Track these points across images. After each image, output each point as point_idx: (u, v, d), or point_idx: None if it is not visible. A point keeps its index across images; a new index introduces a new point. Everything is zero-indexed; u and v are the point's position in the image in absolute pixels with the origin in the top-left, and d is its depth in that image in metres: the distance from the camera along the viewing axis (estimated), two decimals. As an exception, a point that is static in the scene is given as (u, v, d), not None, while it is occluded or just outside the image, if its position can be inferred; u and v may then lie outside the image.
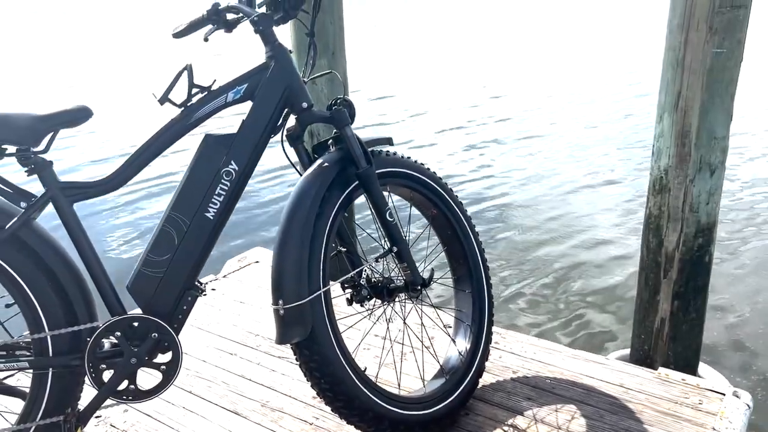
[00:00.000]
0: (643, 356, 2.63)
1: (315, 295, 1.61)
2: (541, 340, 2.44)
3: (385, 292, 1.88)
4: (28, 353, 1.59)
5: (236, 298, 2.83)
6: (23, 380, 2.03)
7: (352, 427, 1.74)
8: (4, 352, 1.58)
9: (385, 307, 1.89)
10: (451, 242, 2.10)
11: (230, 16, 1.79)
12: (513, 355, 2.32)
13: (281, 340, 1.62)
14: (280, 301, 1.60)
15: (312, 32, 1.90)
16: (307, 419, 1.99)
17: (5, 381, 1.73)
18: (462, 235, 2.08)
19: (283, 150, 1.80)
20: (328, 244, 1.68)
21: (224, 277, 3.09)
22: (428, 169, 2.02)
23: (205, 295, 1.73)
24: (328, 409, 1.73)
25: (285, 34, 1.93)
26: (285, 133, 1.78)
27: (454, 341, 2.09)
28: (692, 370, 2.58)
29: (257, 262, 3.25)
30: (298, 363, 1.68)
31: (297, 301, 1.59)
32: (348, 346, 1.71)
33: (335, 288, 1.76)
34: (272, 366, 2.30)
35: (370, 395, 1.69)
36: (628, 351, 2.80)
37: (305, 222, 1.64)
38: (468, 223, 2.11)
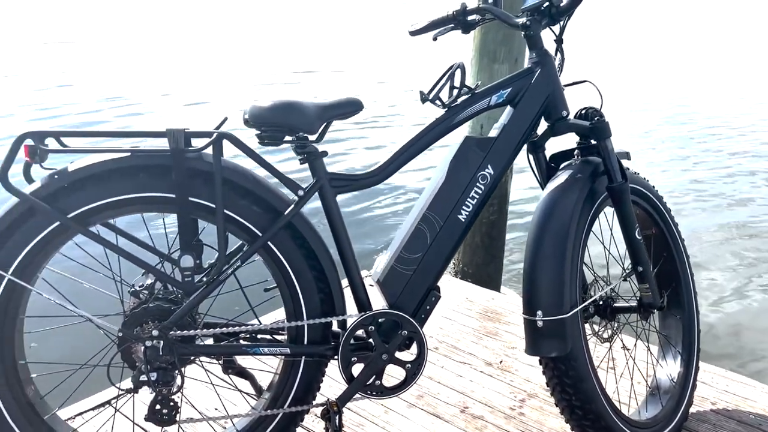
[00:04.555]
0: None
1: (575, 310, 1.57)
2: (729, 372, 2.35)
3: (608, 311, 1.83)
4: (284, 339, 1.61)
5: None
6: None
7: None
8: (268, 336, 1.60)
9: (608, 326, 1.84)
10: (665, 264, 2.03)
11: (471, 18, 1.78)
12: (706, 385, 2.23)
13: (535, 351, 1.59)
14: (539, 313, 1.57)
15: (560, 38, 1.86)
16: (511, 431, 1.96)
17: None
18: (677, 258, 2.01)
19: (528, 157, 1.78)
20: (582, 258, 1.64)
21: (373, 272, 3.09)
22: (654, 186, 1.97)
23: (440, 298, 1.71)
24: (531, 422, 1.72)
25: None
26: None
27: (661, 366, 2.02)
28: None
29: (383, 256, 3.23)
30: (546, 377, 1.64)
31: (558, 315, 1.56)
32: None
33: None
34: (460, 371, 2.28)
35: (614, 416, 1.64)
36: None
37: (563, 234, 1.61)
38: (683, 245, 2.04)
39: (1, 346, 1.42)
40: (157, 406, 1.47)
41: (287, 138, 1.54)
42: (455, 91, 1.65)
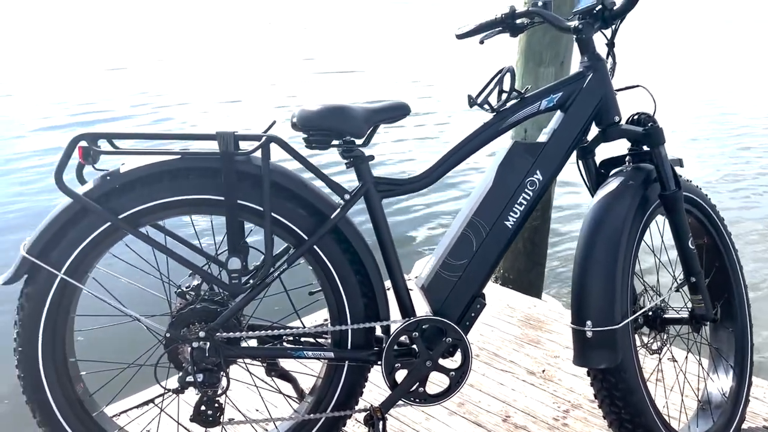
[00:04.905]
0: None
1: (626, 321, 1.53)
2: (783, 388, 2.26)
3: (658, 321, 1.78)
4: (327, 343, 1.60)
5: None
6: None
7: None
8: (312, 340, 1.59)
9: (657, 338, 1.79)
10: (717, 274, 1.96)
11: (520, 21, 1.75)
12: (759, 401, 2.16)
13: (584, 362, 1.55)
14: (588, 323, 1.53)
15: (612, 42, 1.81)
16: (555, 442, 1.92)
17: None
18: (730, 268, 1.95)
19: (578, 163, 1.74)
20: (633, 268, 1.60)
21: (416, 277, 3.07)
22: (707, 195, 1.90)
23: (485, 305, 1.68)
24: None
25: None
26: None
27: (712, 380, 1.96)
28: None
29: (428, 261, 3.21)
30: (595, 388, 1.60)
31: (608, 326, 1.52)
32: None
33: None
34: (502, 380, 2.24)
35: (664, 431, 1.59)
36: None
37: (614, 243, 1.56)
38: (736, 255, 1.97)
39: (53, 344, 1.45)
40: (202, 407, 1.48)
41: (334, 142, 1.53)
42: (504, 95, 1.63)
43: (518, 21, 1.74)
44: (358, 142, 1.56)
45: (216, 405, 1.49)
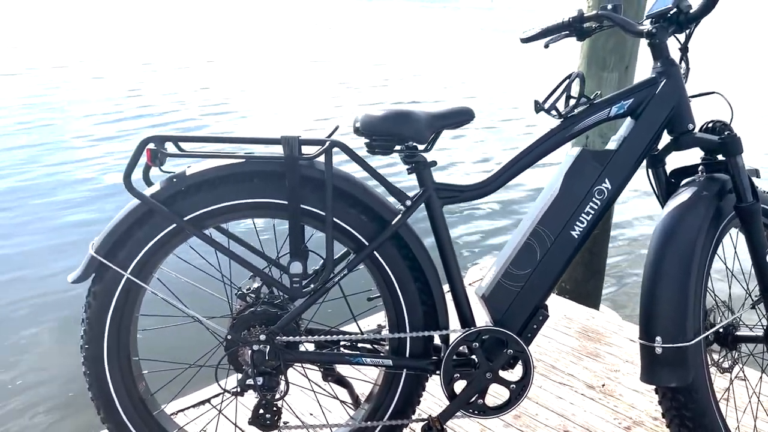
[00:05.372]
0: None
1: (699, 339, 1.46)
2: None
3: (730, 339, 1.69)
4: (385, 350, 1.59)
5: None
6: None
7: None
8: (369, 347, 1.58)
9: (729, 356, 1.71)
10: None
11: (588, 25, 1.69)
12: (836, 426, 2.04)
13: (653, 380, 1.49)
14: (658, 339, 1.47)
15: (685, 47, 1.74)
16: (616, 460, 1.85)
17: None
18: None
19: (647, 172, 1.67)
20: (706, 283, 1.53)
21: (470, 285, 3.03)
22: (785, 206, 1.81)
23: (548, 317, 1.63)
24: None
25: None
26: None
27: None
28: None
29: (489, 269, 3.15)
30: (663, 407, 1.53)
31: (680, 343, 1.45)
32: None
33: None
34: (560, 393, 2.18)
35: (736, 455, 1.52)
36: None
37: (687, 256, 1.49)
38: None
39: (118, 342, 1.47)
40: (261, 411, 1.48)
41: (396, 147, 1.52)
42: (572, 101, 1.58)
43: (586, 25, 1.69)
44: (421, 147, 1.54)
45: (274, 408, 1.49)
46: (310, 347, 1.59)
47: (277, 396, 1.48)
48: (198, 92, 9.97)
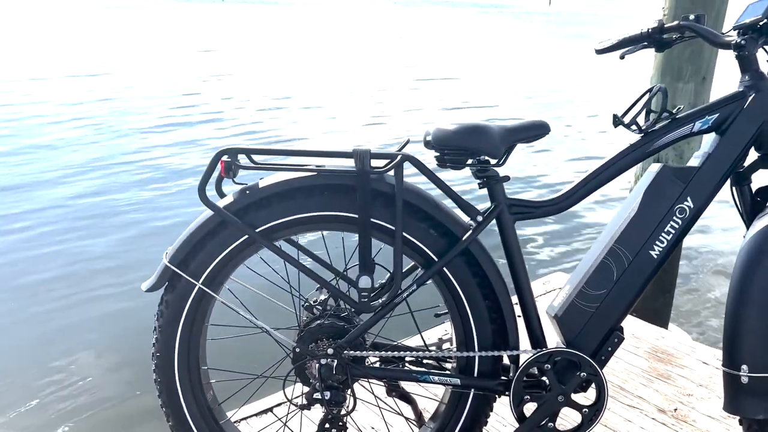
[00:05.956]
0: None
1: (788, 368, 1.38)
2: None
3: None
4: (452, 367, 1.56)
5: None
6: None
7: None
8: (435, 364, 1.55)
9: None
10: None
11: (668, 36, 1.62)
12: None
13: (738, 410, 1.41)
14: (744, 367, 1.39)
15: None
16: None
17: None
18: None
19: (731, 190, 1.59)
20: (798, 308, 1.43)
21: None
22: None
23: (623, 339, 1.57)
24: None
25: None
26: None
27: None
28: None
29: (561, 288, 3.07)
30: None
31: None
32: None
33: None
34: (629, 416, 2.10)
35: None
36: None
37: None
38: None
39: (188, 351, 1.49)
40: (327, 425, 1.48)
41: (468, 161, 1.49)
42: (652, 115, 1.52)
43: (665, 36, 1.62)
44: (493, 161, 1.50)
45: (340, 423, 1.48)
46: (375, 361, 1.57)
47: (344, 411, 1.47)
48: (275, 102, 10.06)
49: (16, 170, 6.19)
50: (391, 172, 1.41)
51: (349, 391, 1.48)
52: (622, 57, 1.71)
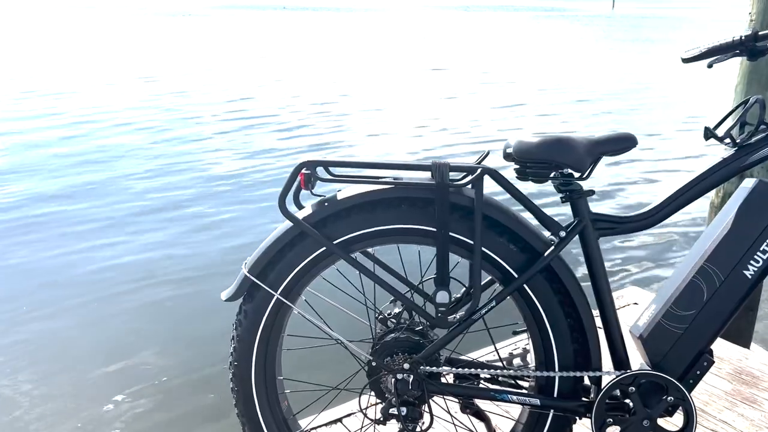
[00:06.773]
0: None
1: None
2: None
3: None
4: (531, 386, 1.51)
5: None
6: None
7: None
8: (512, 382, 1.51)
9: None
10: None
11: (762, 44, 1.53)
12: None
13: None
14: None
15: None
16: None
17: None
18: None
19: None
20: None
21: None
22: None
23: (713, 363, 1.49)
24: None
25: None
26: None
27: None
28: None
29: (636, 303, 2.97)
30: None
31: None
32: None
33: None
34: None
35: None
36: None
37: None
38: None
39: (265, 361, 1.50)
40: (401, 441, 1.45)
41: (552, 174, 1.44)
42: (747, 128, 1.44)
43: (760, 44, 1.54)
44: (577, 175, 1.45)
45: (415, 440, 1.45)
46: (450, 377, 1.55)
47: (418, 428, 1.45)
48: (357, 113, 10.07)
49: (86, 176, 6.45)
50: (470, 186, 1.39)
51: (425, 407, 1.46)
52: (710, 66, 1.63)
